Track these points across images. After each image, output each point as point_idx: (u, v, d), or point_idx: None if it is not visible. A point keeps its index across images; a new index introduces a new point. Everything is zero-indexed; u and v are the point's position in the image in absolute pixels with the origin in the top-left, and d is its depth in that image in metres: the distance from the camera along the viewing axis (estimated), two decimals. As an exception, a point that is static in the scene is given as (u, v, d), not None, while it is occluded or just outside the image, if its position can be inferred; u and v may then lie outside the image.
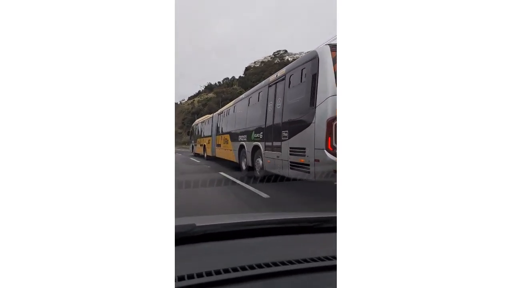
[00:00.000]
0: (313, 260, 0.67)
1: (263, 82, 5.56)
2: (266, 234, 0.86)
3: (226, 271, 0.60)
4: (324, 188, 3.95)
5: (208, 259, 0.69)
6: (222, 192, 4.35)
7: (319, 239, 0.88)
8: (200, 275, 0.59)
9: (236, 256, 0.71)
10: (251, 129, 5.78)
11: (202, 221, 0.85)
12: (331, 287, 0.56)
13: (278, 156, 4.33)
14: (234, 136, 7.10)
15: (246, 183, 4.86)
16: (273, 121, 4.66)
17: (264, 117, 5.04)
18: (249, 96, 6.22)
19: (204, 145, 11.55)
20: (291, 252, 0.73)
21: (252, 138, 5.59)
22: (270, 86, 4.99)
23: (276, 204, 3.51)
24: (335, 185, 3.10)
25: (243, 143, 6.19)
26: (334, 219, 0.89)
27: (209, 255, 0.73)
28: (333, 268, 0.60)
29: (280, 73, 4.67)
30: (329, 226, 0.91)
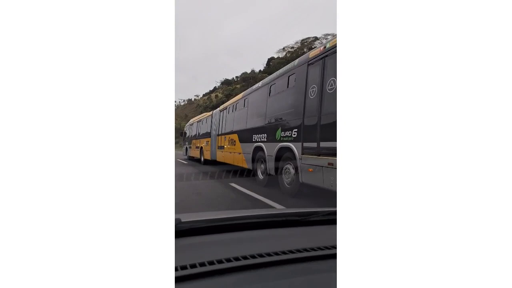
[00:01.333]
0: (312, 249, 0.69)
1: (295, 62, 4.12)
2: (256, 228, 0.87)
3: (220, 261, 0.61)
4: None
5: (199, 251, 0.69)
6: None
7: (311, 232, 0.89)
8: (193, 266, 0.59)
9: (228, 248, 0.71)
10: (274, 125, 4.33)
11: (190, 217, 0.85)
12: (332, 273, 0.57)
13: (331, 164, 2.88)
14: (245, 136, 5.62)
15: (276, 201, 3.41)
16: (319, 112, 3.22)
17: (302, 108, 3.60)
18: (270, 84, 4.76)
19: (201, 147, 9.98)
20: (283, 243, 0.73)
21: (278, 137, 4.15)
22: (311, 64, 3.56)
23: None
24: None
25: (261, 144, 4.73)
26: (321, 213, 0.95)
27: (200, 247, 0.73)
28: (333, 256, 0.64)
29: (331, 43, 3.24)
30: (319, 219, 0.94)
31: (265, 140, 4.64)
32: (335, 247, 0.69)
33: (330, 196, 3.34)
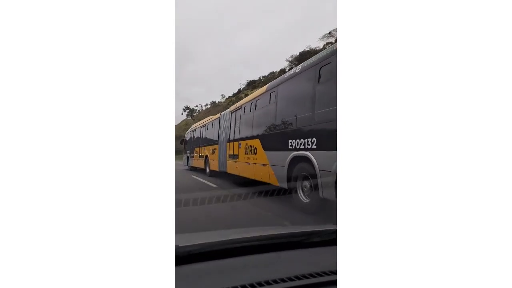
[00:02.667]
0: (311, 276, 0.66)
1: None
2: (256, 251, 0.83)
3: None
4: None
5: (199, 281, 0.65)
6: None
7: (308, 254, 0.86)
8: None
9: (227, 276, 0.67)
10: (331, 125, 2.88)
11: (187, 239, 0.83)
12: None
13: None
14: (273, 142, 4.17)
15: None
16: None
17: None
18: (321, 64, 3.31)
19: (206, 156, 8.50)
20: (285, 268, 0.71)
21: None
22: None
23: None
24: None
25: (306, 154, 3.27)
26: (322, 233, 0.91)
27: (200, 276, 0.68)
28: (333, 283, 0.60)
29: None
30: (317, 240, 0.90)
31: (314, 147, 3.18)
32: (335, 272, 0.65)
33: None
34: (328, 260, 0.71)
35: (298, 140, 3.47)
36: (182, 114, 68.45)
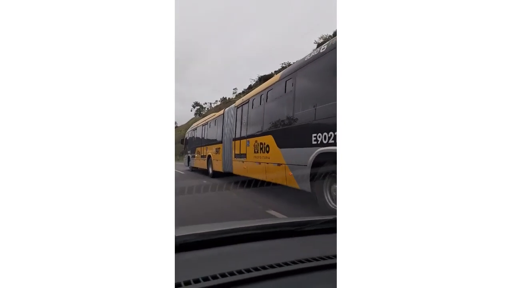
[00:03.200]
0: (309, 260, 0.67)
1: None
2: (252, 240, 0.84)
3: (223, 275, 0.59)
4: None
5: (201, 266, 0.67)
6: None
7: (310, 241, 0.87)
8: (197, 281, 0.57)
9: (228, 262, 0.68)
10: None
11: (184, 231, 0.82)
12: (331, 284, 0.56)
13: None
14: (291, 137, 3.56)
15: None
16: None
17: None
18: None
19: (209, 155, 7.88)
20: (282, 255, 0.71)
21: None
22: None
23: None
24: None
25: (336, 149, 2.65)
26: (318, 222, 0.93)
27: (200, 262, 0.70)
28: (333, 266, 0.61)
29: None
30: (316, 229, 0.91)
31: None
32: (334, 257, 0.67)
33: None
34: (325, 246, 0.74)
35: (324, 133, 2.85)
36: (191, 111, 67.20)
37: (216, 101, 68.81)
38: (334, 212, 2.72)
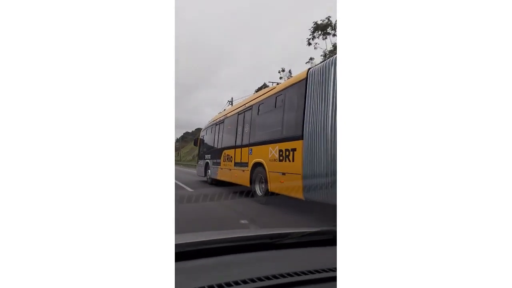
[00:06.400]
0: (311, 272, 0.66)
1: None
2: (251, 250, 0.82)
3: (220, 286, 0.58)
4: None
5: (200, 275, 0.66)
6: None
7: (309, 253, 0.86)
8: None
9: (226, 272, 0.68)
10: None
11: (184, 238, 0.81)
12: None
13: None
14: None
15: None
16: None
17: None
18: None
19: (258, 163, 4.81)
20: (281, 266, 0.71)
21: None
22: None
23: None
24: None
25: None
26: (319, 233, 0.91)
27: (199, 271, 0.69)
28: (333, 279, 0.61)
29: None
30: (317, 240, 0.90)
31: None
32: (334, 270, 0.65)
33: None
34: (326, 259, 0.72)
35: None
36: (227, 106, 64.85)
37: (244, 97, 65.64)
38: None
